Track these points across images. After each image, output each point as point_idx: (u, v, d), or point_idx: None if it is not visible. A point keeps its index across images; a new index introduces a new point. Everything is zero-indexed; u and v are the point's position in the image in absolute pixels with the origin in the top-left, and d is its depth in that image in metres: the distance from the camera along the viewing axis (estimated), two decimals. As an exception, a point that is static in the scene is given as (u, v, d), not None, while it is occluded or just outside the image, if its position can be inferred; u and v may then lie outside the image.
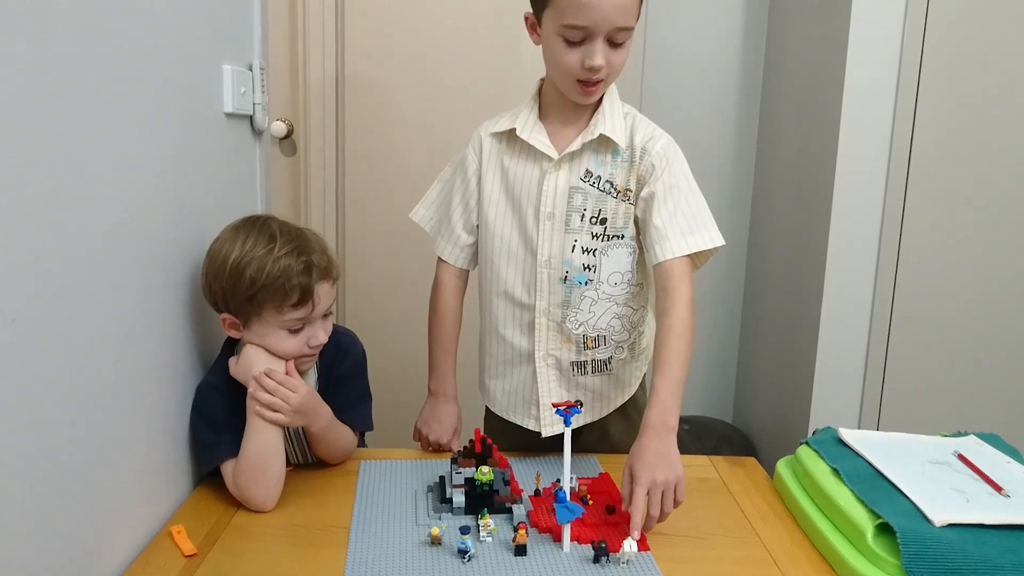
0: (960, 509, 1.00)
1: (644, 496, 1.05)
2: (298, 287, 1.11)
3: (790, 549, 1.08)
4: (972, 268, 2.01)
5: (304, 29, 2.25)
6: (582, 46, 1.14)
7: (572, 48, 1.15)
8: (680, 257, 1.19)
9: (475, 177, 1.32)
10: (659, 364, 1.15)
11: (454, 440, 1.37)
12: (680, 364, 1.15)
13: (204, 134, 1.23)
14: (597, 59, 1.14)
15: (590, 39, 1.13)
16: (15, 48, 0.75)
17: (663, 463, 1.07)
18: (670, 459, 1.08)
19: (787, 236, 2.24)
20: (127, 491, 1.00)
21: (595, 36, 1.13)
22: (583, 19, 1.11)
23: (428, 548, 1.04)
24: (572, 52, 1.15)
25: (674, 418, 1.12)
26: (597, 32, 1.12)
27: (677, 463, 1.08)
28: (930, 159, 1.95)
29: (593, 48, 1.13)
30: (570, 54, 1.15)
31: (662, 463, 1.07)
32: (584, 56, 1.14)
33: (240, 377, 1.15)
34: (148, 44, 1.03)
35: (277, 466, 1.15)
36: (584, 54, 1.14)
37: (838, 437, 1.22)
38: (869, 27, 1.90)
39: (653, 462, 1.07)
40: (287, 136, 2.30)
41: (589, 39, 1.13)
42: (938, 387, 2.06)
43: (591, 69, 1.15)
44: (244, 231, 1.14)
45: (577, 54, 1.15)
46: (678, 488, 1.07)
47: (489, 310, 1.34)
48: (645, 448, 1.09)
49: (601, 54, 1.14)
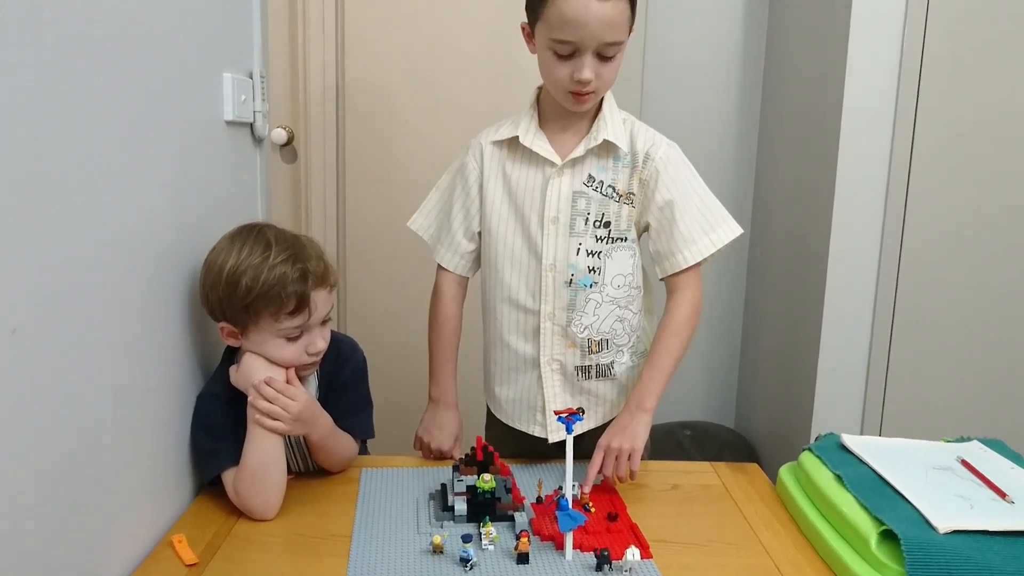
0: (964, 516, 0.99)
1: (599, 456, 1.20)
2: (294, 295, 1.11)
3: (793, 556, 1.07)
4: (974, 272, 2.00)
5: (304, 36, 2.26)
6: (571, 59, 1.16)
7: (562, 61, 1.17)
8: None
9: (476, 184, 1.32)
10: (650, 354, 1.28)
11: (455, 447, 1.37)
12: (669, 357, 1.25)
13: (205, 142, 1.23)
14: (585, 73, 1.16)
15: (579, 53, 1.16)
16: (16, 57, 0.75)
17: (625, 433, 1.21)
18: (633, 431, 1.21)
19: (788, 241, 2.24)
20: (128, 500, 1.00)
21: (583, 51, 1.15)
22: (570, 35, 1.14)
23: (430, 556, 1.04)
24: (562, 65, 1.17)
25: (651, 400, 1.24)
26: (585, 47, 1.15)
27: (638, 437, 1.21)
28: (931, 163, 1.95)
29: (582, 62, 1.16)
30: (560, 67, 1.17)
31: (624, 433, 1.21)
32: (573, 69, 1.16)
33: (240, 385, 1.15)
34: (149, 53, 1.03)
35: (278, 474, 1.14)
36: (573, 67, 1.17)
37: (841, 443, 1.22)
38: (869, 32, 1.90)
39: (616, 432, 1.22)
40: (287, 143, 2.30)
41: (578, 53, 1.16)
42: (941, 392, 2.05)
43: (580, 82, 1.17)
44: (240, 239, 1.14)
45: (567, 67, 1.17)
46: (632, 457, 1.20)
47: (493, 317, 1.34)
48: (617, 420, 1.25)
49: (590, 68, 1.16)
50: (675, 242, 1.26)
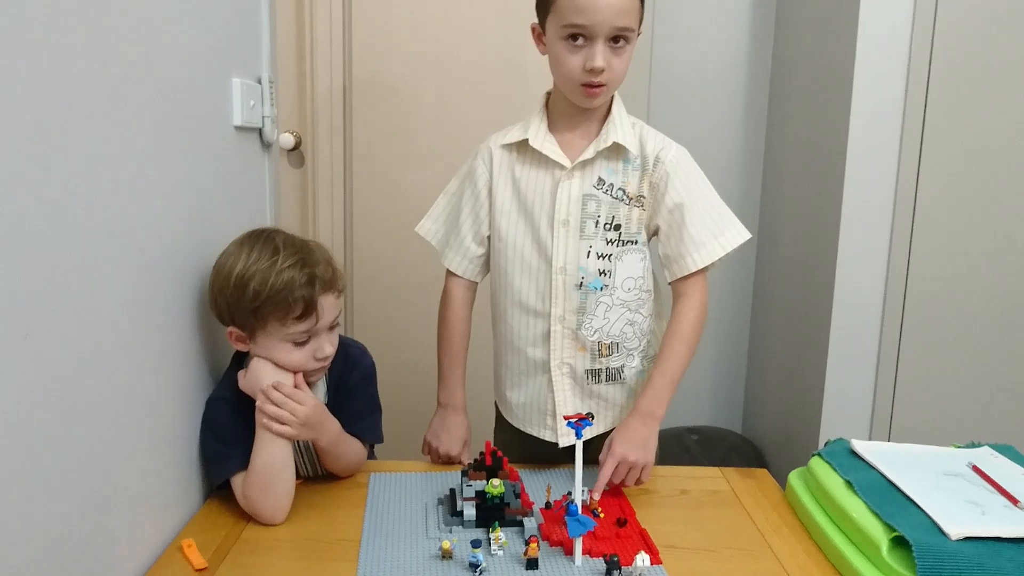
0: (976, 522, 0.99)
1: (612, 467, 1.20)
2: (301, 299, 1.11)
3: (804, 562, 1.07)
4: (983, 276, 1.99)
5: (311, 41, 2.26)
6: (583, 48, 1.17)
7: (574, 51, 1.18)
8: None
9: (485, 188, 1.32)
10: (659, 359, 1.27)
11: (464, 452, 1.37)
12: (678, 362, 1.26)
13: (213, 147, 1.24)
14: (598, 60, 1.16)
15: (591, 41, 1.17)
16: (26, 63, 0.75)
17: (640, 446, 1.21)
18: (647, 444, 1.22)
19: (796, 246, 2.24)
20: (137, 505, 1.00)
21: (596, 37, 1.16)
22: (583, 19, 1.15)
23: (439, 562, 1.03)
24: (574, 55, 1.18)
25: (662, 408, 1.24)
26: (597, 33, 1.16)
27: (651, 450, 1.22)
28: (940, 169, 1.94)
29: (594, 50, 1.17)
30: (572, 57, 1.18)
31: (639, 446, 1.21)
32: (586, 58, 1.17)
33: (248, 390, 1.15)
34: (158, 58, 1.03)
35: (286, 479, 1.14)
36: (585, 56, 1.17)
37: (851, 449, 1.21)
38: (876, 37, 1.89)
39: (631, 441, 1.21)
40: (295, 148, 2.31)
41: (590, 41, 1.17)
42: (950, 397, 2.04)
43: (592, 71, 1.17)
44: (248, 244, 1.14)
45: (579, 57, 1.18)
46: (644, 471, 1.22)
47: (504, 321, 1.34)
48: (629, 428, 1.23)
49: (602, 56, 1.17)
50: (685, 245, 1.26)
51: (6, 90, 0.72)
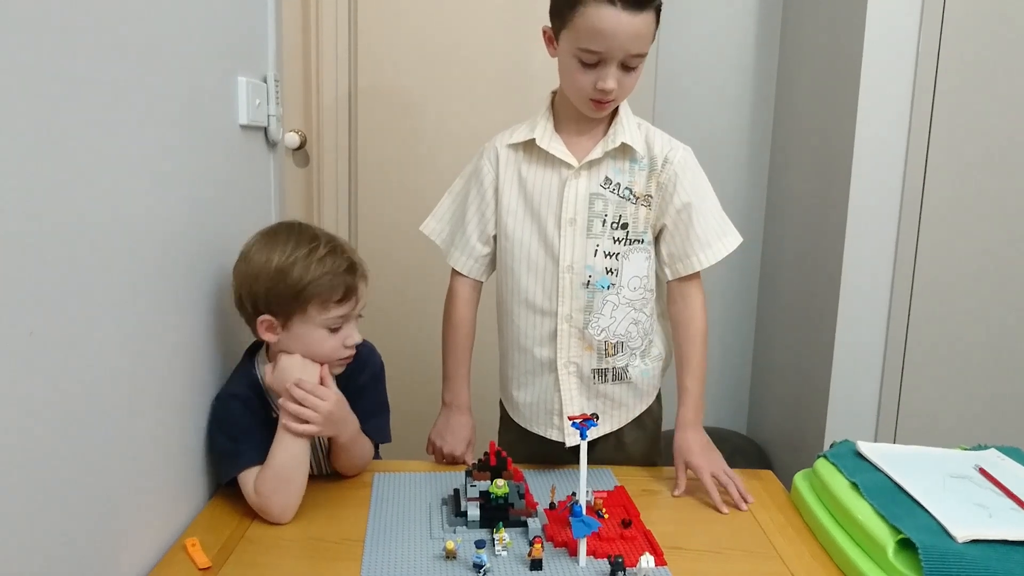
0: (983, 525, 0.98)
1: (714, 483, 1.23)
2: (342, 283, 1.15)
3: (809, 564, 1.06)
4: (990, 277, 1.98)
5: (317, 40, 2.26)
6: (596, 69, 1.18)
7: (586, 70, 1.19)
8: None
9: (491, 188, 1.32)
10: (686, 364, 1.32)
11: (468, 452, 1.36)
12: (703, 365, 1.32)
13: (219, 146, 1.24)
14: (609, 83, 1.18)
15: (604, 63, 1.17)
16: (32, 62, 0.76)
17: (713, 455, 1.28)
18: (715, 451, 1.28)
19: (801, 246, 2.23)
20: (142, 504, 1.00)
21: (609, 61, 1.17)
22: (598, 45, 1.15)
23: (443, 562, 1.03)
24: (586, 74, 1.19)
25: (703, 413, 1.32)
26: (611, 58, 1.16)
27: (717, 452, 1.28)
28: (947, 169, 1.93)
29: (606, 72, 1.17)
30: (584, 75, 1.19)
31: (713, 455, 1.28)
32: (597, 79, 1.18)
33: (275, 386, 1.15)
34: (164, 57, 1.03)
35: (300, 478, 1.15)
36: (597, 76, 1.18)
37: (856, 450, 1.21)
38: (884, 35, 1.89)
39: (706, 454, 1.27)
40: (300, 147, 2.31)
41: (603, 63, 1.17)
42: (956, 399, 2.03)
43: (603, 91, 1.18)
44: (283, 235, 1.17)
45: (591, 76, 1.19)
46: (727, 471, 1.26)
47: (510, 320, 1.34)
48: (692, 441, 1.28)
49: (614, 78, 1.18)
50: (691, 244, 1.27)
51: (13, 90, 0.72)
